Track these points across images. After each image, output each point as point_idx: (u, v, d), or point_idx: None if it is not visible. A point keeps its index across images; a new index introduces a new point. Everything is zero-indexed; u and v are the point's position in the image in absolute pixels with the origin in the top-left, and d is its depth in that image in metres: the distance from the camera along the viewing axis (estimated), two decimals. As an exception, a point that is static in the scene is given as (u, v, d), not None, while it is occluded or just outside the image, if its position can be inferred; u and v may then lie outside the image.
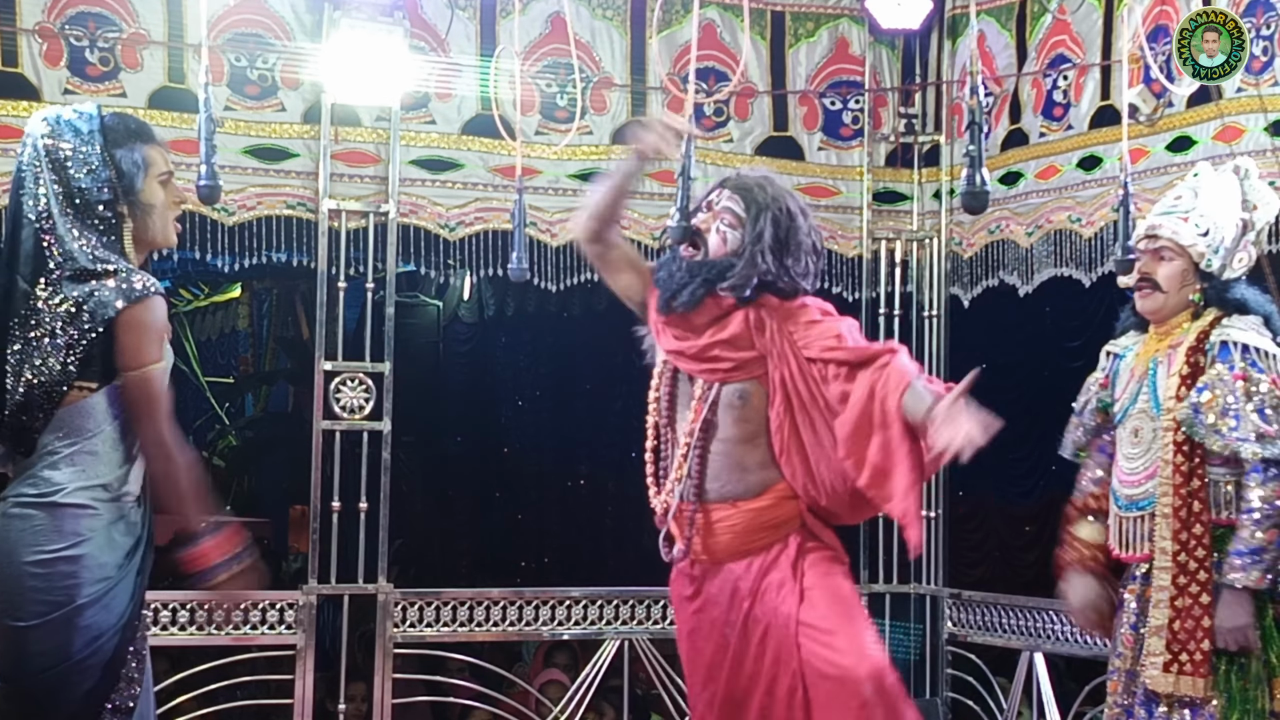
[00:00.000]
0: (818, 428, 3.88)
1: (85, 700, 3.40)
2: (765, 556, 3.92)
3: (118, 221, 3.54)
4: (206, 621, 5.76)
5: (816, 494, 3.92)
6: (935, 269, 6.70)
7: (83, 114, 3.59)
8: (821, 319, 3.99)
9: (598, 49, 6.37)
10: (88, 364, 3.45)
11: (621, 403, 11.83)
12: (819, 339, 3.92)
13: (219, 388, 14.69)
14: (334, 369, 5.98)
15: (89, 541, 3.41)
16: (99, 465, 3.46)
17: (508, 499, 12.21)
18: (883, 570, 6.64)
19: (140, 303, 3.44)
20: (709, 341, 3.99)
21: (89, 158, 3.52)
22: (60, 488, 3.42)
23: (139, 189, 3.56)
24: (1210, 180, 4.28)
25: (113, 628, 3.42)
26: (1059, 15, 6.13)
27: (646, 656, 6.32)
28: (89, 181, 3.51)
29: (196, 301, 14.41)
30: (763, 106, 6.58)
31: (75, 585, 3.38)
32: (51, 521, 3.40)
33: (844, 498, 3.90)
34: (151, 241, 3.62)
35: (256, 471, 13.77)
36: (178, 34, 5.78)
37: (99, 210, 3.51)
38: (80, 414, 3.46)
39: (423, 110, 6.15)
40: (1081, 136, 6.08)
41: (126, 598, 3.45)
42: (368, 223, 6.03)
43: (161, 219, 3.61)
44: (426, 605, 6.07)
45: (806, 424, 3.89)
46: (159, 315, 3.48)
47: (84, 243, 3.47)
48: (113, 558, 3.44)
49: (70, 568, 3.38)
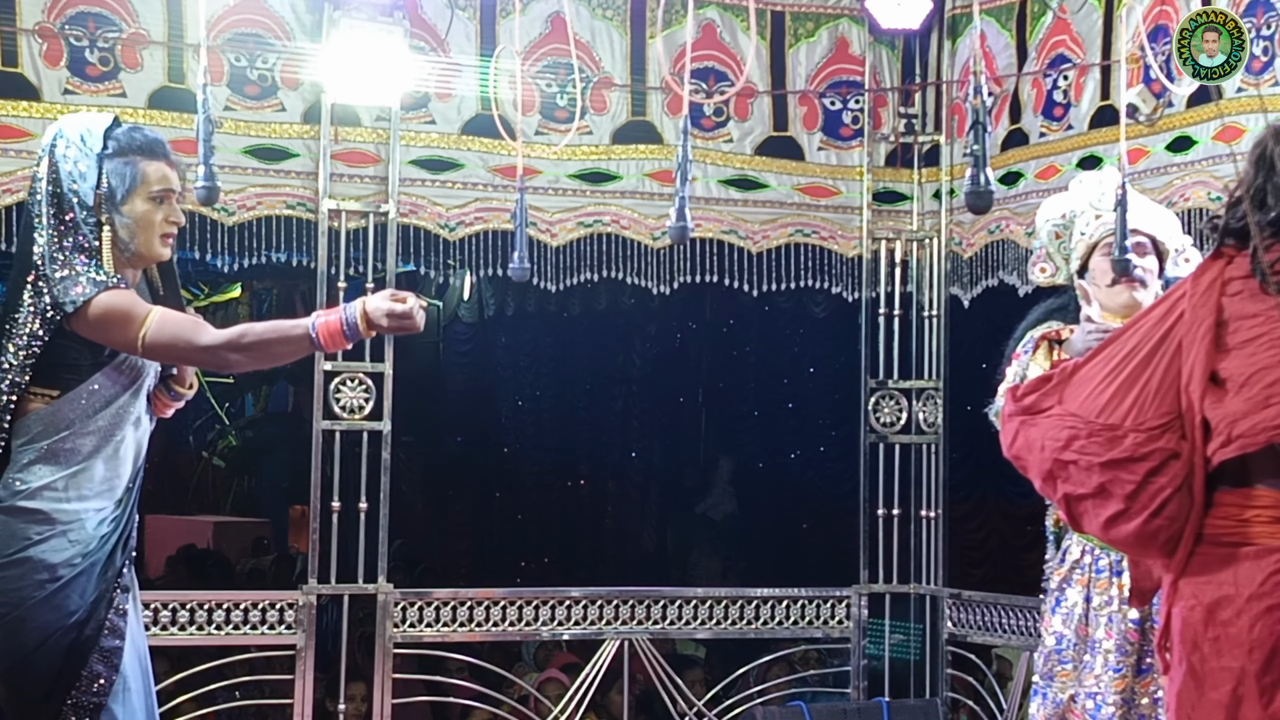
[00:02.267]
0: None
1: (44, 700, 3.45)
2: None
3: (97, 230, 3.58)
4: (206, 621, 5.76)
5: None
6: (935, 269, 6.70)
7: (96, 123, 3.66)
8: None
9: (598, 49, 6.37)
10: (42, 370, 3.53)
11: (621, 403, 11.86)
12: None
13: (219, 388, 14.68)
14: (334, 369, 5.98)
15: (36, 545, 3.48)
16: (58, 469, 3.52)
17: (508, 499, 12.23)
18: (883, 570, 6.64)
19: (85, 306, 3.49)
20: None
21: (83, 165, 3.59)
22: (17, 493, 3.50)
23: (118, 201, 3.59)
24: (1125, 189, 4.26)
25: (64, 626, 3.47)
26: (1060, 14, 6.13)
27: (646, 656, 6.32)
28: (78, 187, 3.58)
29: (196, 301, 14.39)
30: (763, 106, 6.58)
31: (23, 587, 3.45)
32: (5, 527, 3.49)
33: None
34: (135, 255, 3.65)
35: (256, 471, 13.78)
36: (178, 34, 5.78)
37: (81, 216, 3.57)
38: (37, 421, 3.52)
39: (423, 110, 6.15)
40: (1081, 136, 6.07)
41: (80, 596, 3.50)
42: (368, 223, 6.03)
43: (145, 234, 3.63)
44: (426, 605, 6.07)
45: None
46: (118, 303, 3.52)
47: (54, 245, 3.54)
48: (62, 558, 3.49)
49: (17, 570, 3.46)
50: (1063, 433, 2.90)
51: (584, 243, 6.32)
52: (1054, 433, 2.91)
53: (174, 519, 11.67)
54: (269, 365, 3.79)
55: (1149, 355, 2.86)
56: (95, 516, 3.55)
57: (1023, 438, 2.98)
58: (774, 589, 6.59)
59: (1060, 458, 2.90)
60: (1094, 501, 2.87)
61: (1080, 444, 2.87)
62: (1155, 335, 2.86)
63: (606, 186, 6.36)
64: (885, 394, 6.66)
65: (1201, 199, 5.42)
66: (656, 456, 11.47)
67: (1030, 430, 2.96)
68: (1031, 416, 2.97)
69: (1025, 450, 2.97)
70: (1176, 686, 2.84)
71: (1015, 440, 3.00)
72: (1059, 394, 2.95)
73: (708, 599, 6.46)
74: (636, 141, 6.40)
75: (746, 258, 6.48)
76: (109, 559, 3.56)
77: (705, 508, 11.33)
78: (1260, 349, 2.72)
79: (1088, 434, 2.87)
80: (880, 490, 6.64)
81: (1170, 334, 2.85)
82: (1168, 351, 2.84)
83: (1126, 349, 2.89)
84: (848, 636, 6.61)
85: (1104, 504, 2.86)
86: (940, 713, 6.52)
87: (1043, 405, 2.96)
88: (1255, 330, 2.74)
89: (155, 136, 3.73)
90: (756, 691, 6.68)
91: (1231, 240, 2.84)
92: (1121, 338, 2.92)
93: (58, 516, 3.51)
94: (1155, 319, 2.88)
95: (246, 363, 3.66)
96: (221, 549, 10.93)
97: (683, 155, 3.96)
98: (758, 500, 11.14)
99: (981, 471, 9.46)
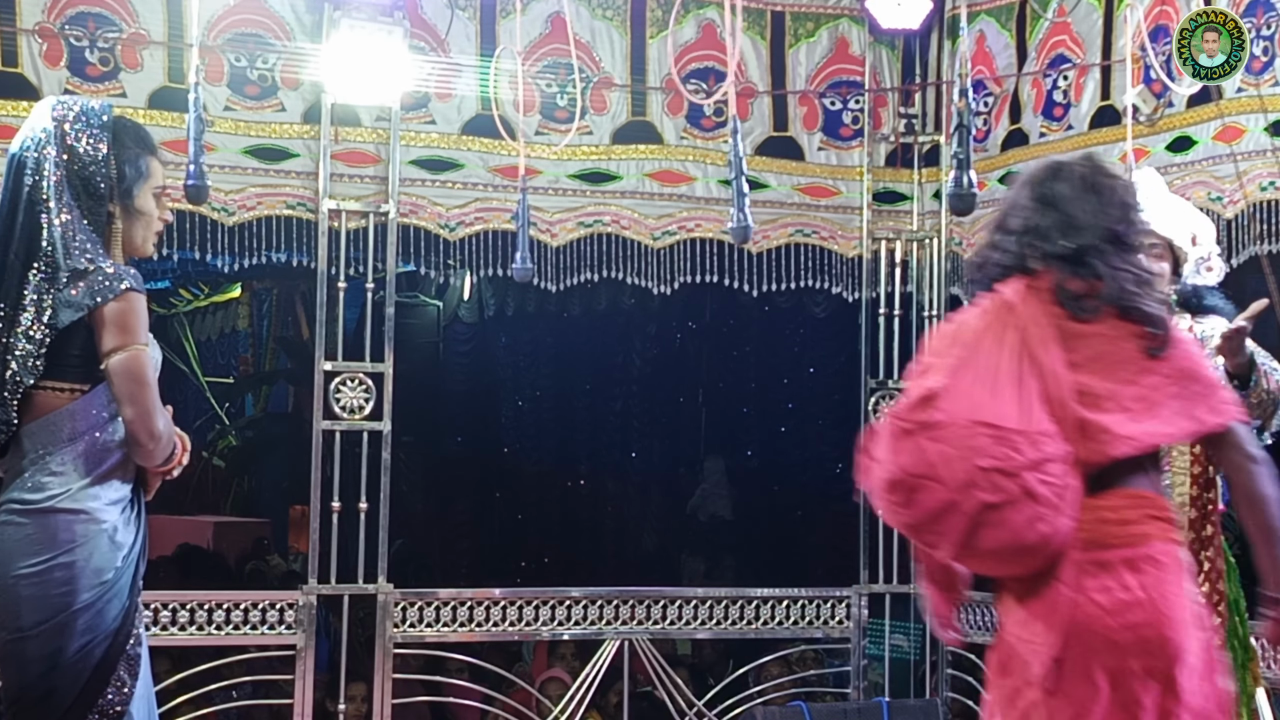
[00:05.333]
0: None
1: (73, 705, 3.41)
2: None
3: (108, 220, 3.54)
4: (206, 621, 5.76)
5: None
6: (935, 269, 6.70)
7: (98, 107, 3.60)
8: None
9: (598, 49, 6.37)
10: (63, 364, 3.44)
11: (621, 403, 11.87)
12: None
13: (219, 388, 14.70)
14: (334, 369, 5.98)
15: (82, 547, 3.41)
16: (89, 471, 3.45)
17: (508, 499, 12.23)
18: (883, 570, 6.64)
19: (117, 300, 3.43)
20: None
21: (98, 151, 3.52)
22: (52, 495, 3.41)
23: (135, 195, 3.56)
24: (1162, 189, 4.27)
25: (105, 633, 3.42)
26: (1058, 18, 6.12)
27: (646, 656, 6.32)
28: (93, 172, 3.51)
29: (196, 301, 14.42)
30: (763, 106, 6.58)
31: (70, 591, 3.38)
32: (43, 530, 3.40)
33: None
34: (132, 249, 3.61)
35: (256, 471, 13.77)
36: (177, 34, 5.78)
37: (93, 205, 3.51)
38: (68, 418, 3.45)
39: (423, 110, 6.15)
40: (1081, 136, 6.08)
41: (119, 603, 3.45)
42: (368, 223, 6.03)
43: (145, 229, 3.61)
44: (426, 605, 6.07)
45: None
46: (138, 308, 3.47)
47: (71, 232, 3.46)
48: (108, 562, 3.43)
49: (65, 574, 3.38)
50: (977, 440, 2.94)
51: (584, 243, 6.32)
52: (967, 441, 2.94)
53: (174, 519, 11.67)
54: (155, 461, 3.56)
55: (1015, 363, 3.02)
56: (124, 517, 3.49)
57: (933, 452, 2.96)
58: (774, 589, 6.59)
59: (980, 464, 2.92)
60: (1014, 508, 2.93)
61: (1002, 450, 2.93)
62: (1006, 344, 3.04)
63: (606, 186, 6.37)
64: (885, 394, 6.66)
65: (1202, 199, 5.41)
66: (656, 456, 11.47)
67: (931, 445, 2.97)
68: (929, 430, 2.98)
69: (932, 465, 2.95)
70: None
71: (914, 457, 2.98)
72: (938, 407, 2.99)
73: (708, 599, 6.45)
74: (636, 141, 6.40)
75: (746, 258, 6.48)
76: (138, 563, 3.51)
77: (705, 508, 11.34)
78: (1108, 367, 3.04)
79: (1003, 440, 2.94)
80: (880, 490, 6.62)
81: (1020, 344, 3.03)
82: (1025, 360, 3.02)
83: (988, 360, 3.03)
84: (848, 636, 6.61)
85: (1027, 506, 2.93)
86: (940, 713, 6.52)
87: (935, 419, 2.98)
88: (1096, 350, 3.04)
89: (147, 131, 3.71)
90: (757, 691, 6.68)
91: (1014, 272, 3.12)
92: (955, 349, 3.07)
93: (100, 516, 3.43)
94: (992, 330, 3.06)
95: (154, 455, 3.50)
96: (221, 549, 10.94)
97: (734, 155, 3.91)
98: (758, 500, 11.15)
99: (981, 471, 9.45)
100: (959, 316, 3.19)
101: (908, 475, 2.97)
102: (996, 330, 3.07)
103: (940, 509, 2.96)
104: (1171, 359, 3.07)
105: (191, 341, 14.75)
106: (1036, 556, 2.97)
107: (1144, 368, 3.04)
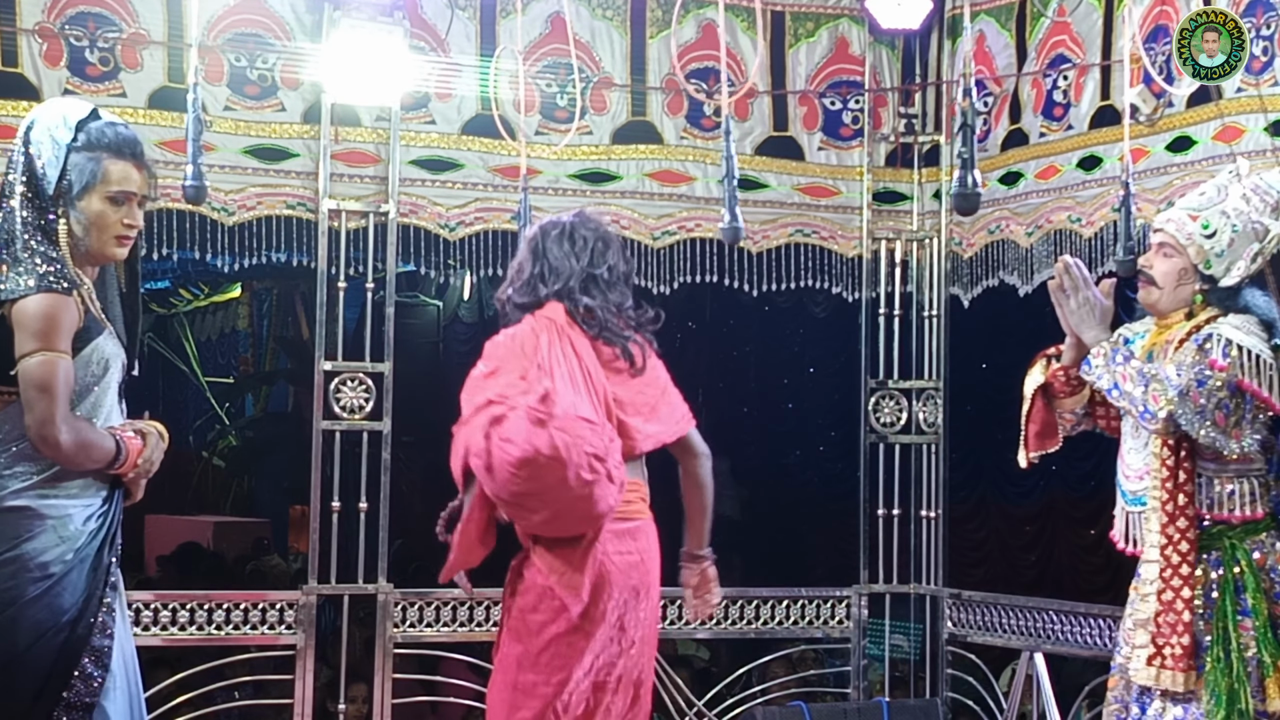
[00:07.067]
0: None
1: (36, 699, 3.44)
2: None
3: (54, 221, 3.54)
4: (207, 621, 5.76)
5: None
6: (935, 269, 6.70)
7: (77, 108, 3.61)
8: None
9: (598, 49, 6.37)
10: (5, 366, 3.46)
11: (621, 403, 11.85)
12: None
13: (219, 388, 14.71)
14: (334, 369, 5.98)
15: (28, 541, 3.46)
16: (37, 466, 3.48)
17: (508, 499, 12.19)
18: (883, 570, 6.64)
19: (26, 300, 3.44)
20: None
21: (53, 152, 3.54)
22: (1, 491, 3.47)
23: (74, 196, 3.55)
24: (1239, 181, 4.19)
25: (57, 625, 3.46)
26: (1058, 18, 6.12)
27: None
28: (41, 174, 3.54)
29: (196, 301, 14.41)
30: (763, 106, 6.58)
31: (15, 586, 3.43)
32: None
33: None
34: (89, 254, 3.59)
35: (256, 471, 13.78)
36: (177, 34, 5.77)
37: (40, 204, 3.53)
38: (10, 418, 3.48)
39: (423, 110, 6.15)
40: (1081, 136, 6.07)
41: (72, 594, 3.48)
42: (368, 223, 6.03)
43: (98, 233, 3.57)
44: (426, 605, 6.07)
45: None
46: (50, 311, 3.44)
47: (14, 225, 3.49)
48: (53, 554, 3.47)
49: (8, 568, 3.44)
50: (581, 430, 3.71)
51: (584, 243, 6.30)
52: (576, 430, 3.70)
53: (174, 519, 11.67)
54: (81, 468, 3.54)
55: (580, 371, 3.85)
56: (83, 512, 3.53)
57: (559, 439, 3.67)
58: (774, 589, 6.60)
59: (586, 450, 3.69)
60: (599, 485, 3.73)
61: (598, 439, 3.74)
62: (567, 354, 3.87)
63: (606, 186, 6.37)
64: (885, 394, 6.66)
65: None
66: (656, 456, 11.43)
67: (558, 434, 3.68)
68: (555, 420, 3.69)
69: (557, 449, 3.66)
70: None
71: (547, 441, 3.66)
72: (554, 402, 3.71)
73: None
74: (636, 141, 6.40)
75: (746, 258, 6.48)
76: (97, 556, 3.54)
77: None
78: (618, 379, 3.95)
79: (597, 431, 3.76)
80: (880, 490, 6.64)
81: (576, 355, 3.87)
82: (582, 369, 3.86)
83: (564, 367, 3.83)
84: (848, 636, 6.61)
85: (607, 484, 3.74)
86: (940, 713, 6.52)
87: (554, 412, 3.70)
88: (609, 365, 3.94)
89: (129, 135, 3.64)
90: (757, 691, 6.69)
91: (525, 309, 4.00)
92: (525, 358, 3.86)
93: (45, 512, 3.48)
94: (554, 343, 3.87)
95: (67, 462, 3.48)
96: (221, 549, 10.94)
97: (726, 157, 3.96)
98: (758, 500, 11.14)
99: (981, 472, 9.47)
100: (511, 331, 3.98)
101: (540, 455, 3.67)
102: (558, 343, 3.88)
103: (556, 483, 3.70)
104: (650, 377, 4.02)
105: (191, 341, 14.76)
106: (596, 524, 3.81)
107: (637, 382, 3.99)
